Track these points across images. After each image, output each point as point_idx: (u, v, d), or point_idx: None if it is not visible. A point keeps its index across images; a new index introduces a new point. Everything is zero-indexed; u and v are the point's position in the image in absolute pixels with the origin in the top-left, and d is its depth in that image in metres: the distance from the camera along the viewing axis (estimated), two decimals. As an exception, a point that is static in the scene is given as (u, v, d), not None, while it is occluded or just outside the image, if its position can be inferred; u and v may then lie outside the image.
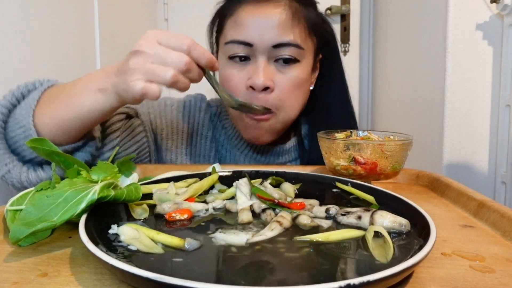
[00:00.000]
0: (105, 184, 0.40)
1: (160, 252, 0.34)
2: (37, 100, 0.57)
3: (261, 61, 0.70)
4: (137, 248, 0.34)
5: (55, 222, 0.35)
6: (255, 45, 0.69)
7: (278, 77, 0.71)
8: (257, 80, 0.68)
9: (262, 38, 0.69)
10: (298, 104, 0.75)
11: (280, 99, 0.71)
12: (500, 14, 0.96)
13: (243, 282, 0.29)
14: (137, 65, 0.49)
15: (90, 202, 0.37)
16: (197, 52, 0.51)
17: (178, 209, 0.44)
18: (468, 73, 1.01)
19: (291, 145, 0.83)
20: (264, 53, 0.70)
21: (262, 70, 0.69)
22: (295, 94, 0.73)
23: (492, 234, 0.43)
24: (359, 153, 0.56)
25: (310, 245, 0.36)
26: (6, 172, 0.57)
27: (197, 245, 0.35)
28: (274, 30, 0.69)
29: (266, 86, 0.69)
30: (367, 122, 1.80)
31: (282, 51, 0.70)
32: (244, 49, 0.70)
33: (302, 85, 0.74)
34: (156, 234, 0.36)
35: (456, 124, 1.03)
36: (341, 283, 0.25)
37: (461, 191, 0.54)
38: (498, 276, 0.33)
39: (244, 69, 0.72)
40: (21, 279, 0.32)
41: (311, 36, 0.74)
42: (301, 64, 0.72)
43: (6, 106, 0.58)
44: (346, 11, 1.70)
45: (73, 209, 0.36)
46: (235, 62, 0.72)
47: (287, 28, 0.69)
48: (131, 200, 0.42)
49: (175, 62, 0.49)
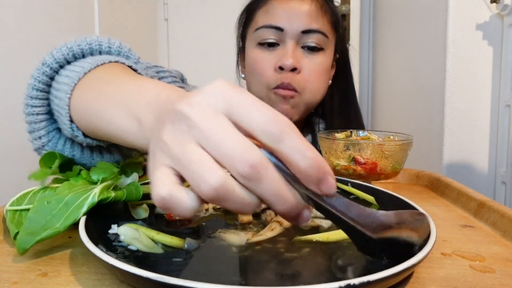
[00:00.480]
0: (105, 185, 0.40)
1: (160, 252, 0.34)
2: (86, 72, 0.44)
3: (290, 44, 0.76)
4: (137, 248, 0.34)
5: (59, 228, 0.36)
6: (285, 30, 0.75)
7: (304, 61, 0.77)
8: (286, 61, 0.74)
9: (292, 23, 0.75)
10: (321, 89, 0.80)
11: (306, 81, 0.77)
12: (500, 14, 0.96)
13: (243, 282, 0.29)
14: (171, 143, 0.25)
15: (91, 205, 0.37)
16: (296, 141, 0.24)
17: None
18: (468, 73, 1.01)
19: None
20: (293, 38, 0.76)
21: (291, 53, 0.75)
22: (319, 79, 0.79)
23: (492, 234, 0.43)
24: (359, 153, 0.56)
25: (310, 245, 0.36)
26: (41, 147, 0.49)
27: (196, 245, 0.35)
28: (304, 17, 0.75)
29: (294, 66, 0.74)
30: (367, 122, 1.80)
31: (310, 37, 0.76)
32: (275, 33, 0.76)
33: (325, 73, 0.80)
34: (156, 234, 0.36)
35: (456, 124, 1.03)
36: (341, 283, 0.25)
37: (461, 191, 0.54)
38: (498, 276, 0.33)
39: (273, 53, 0.77)
40: (21, 279, 0.32)
41: (334, 30, 0.81)
42: (325, 53, 0.78)
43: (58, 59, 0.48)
44: (346, 11, 1.70)
45: (75, 214, 0.36)
46: (264, 48, 0.78)
47: (316, 16, 0.76)
48: (131, 200, 0.42)
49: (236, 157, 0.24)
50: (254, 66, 0.79)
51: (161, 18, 1.79)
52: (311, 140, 0.88)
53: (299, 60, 0.76)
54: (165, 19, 1.80)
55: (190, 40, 1.84)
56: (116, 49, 0.51)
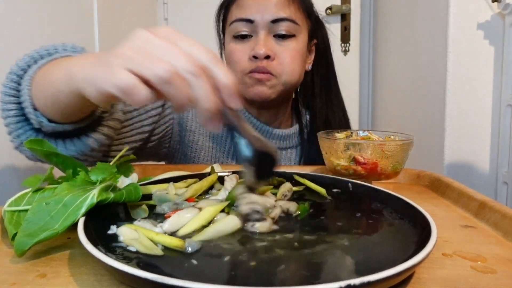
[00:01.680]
0: (104, 186, 0.40)
1: (160, 254, 0.34)
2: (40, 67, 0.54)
3: (262, 34, 0.79)
4: (136, 249, 0.34)
5: (57, 230, 0.35)
6: (256, 21, 0.79)
7: (277, 48, 0.80)
8: (259, 50, 0.77)
9: (262, 14, 0.78)
10: (296, 71, 0.83)
11: (281, 65, 0.80)
12: (502, 14, 0.96)
13: (243, 283, 0.29)
14: (123, 50, 0.36)
15: (90, 206, 0.37)
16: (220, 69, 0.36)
17: (178, 210, 0.43)
18: (469, 72, 1.01)
19: (293, 132, 0.90)
20: (264, 28, 0.79)
21: (263, 42, 0.78)
22: (293, 62, 0.81)
23: (493, 234, 0.43)
24: (359, 153, 0.56)
25: (310, 245, 0.36)
26: (20, 144, 0.57)
27: (198, 246, 0.35)
28: (272, 7, 0.79)
29: (267, 54, 0.78)
30: (367, 122, 1.80)
31: (280, 25, 0.79)
32: (247, 26, 0.80)
33: (299, 56, 0.83)
34: (155, 235, 0.36)
35: (457, 124, 1.03)
36: (341, 283, 0.25)
37: (462, 191, 0.54)
38: (500, 276, 0.33)
39: (247, 44, 0.81)
40: (19, 280, 0.32)
41: (306, 17, 0.84)
42: (296, 38, 0.81)
43: (22, 67, 0.55)
44: (346, 10, 1.70)
45: (73, 215, 0.36)
46: (238, 40, 0.81)
47: (284, 5, 0.79)
48: (130, 201, 0.42)
49: (180, 60, 0.35)
50: (230, 58, 0.82)
51: (160, 18, 1.79)
52: (298, 129, 0.91)
53: (271, 48, 0.79)
54: (164, 18, 1.80)
55: (191, 40, 1.83)
56: (70, 49, 0.59)
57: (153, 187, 0.50)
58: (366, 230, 0.41)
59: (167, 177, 0.55)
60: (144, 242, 0.35)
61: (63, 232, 0.36)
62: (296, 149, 0.91)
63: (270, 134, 0.88)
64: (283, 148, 0.90)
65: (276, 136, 0.89)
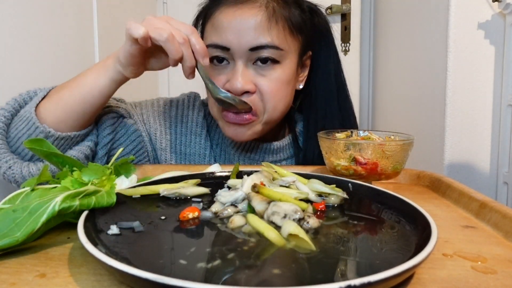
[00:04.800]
0: (69, 194, 0.38)
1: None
2: (43, 96, 0.63)
3: (239, 64, 0.69)
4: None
5: (18, 238, 0.34)
6: (232, 49, 0.68)
7: (258, 80, 0.70)
8: (235, 84, 0.68)
9: (239, 41, 0.67)
10: (281, 105, 0.73)
11: (262, 101, 0.70)
12: (502, 13, 0.96)
13: (243, 283, 0.29)
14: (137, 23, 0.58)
15: (51, 214, 0.36)
16: (196, 39, 0.61)
17: (188, 208, 0.43)
18: (470, 72, 1.01)
19: (286, 143, 0.82)
20: (242, 57, 0.68)
21: (240, 74, 0.68)
22: (277, 96, 0.71)
23: (494, 234, 0.43)
24: (359, 153, 0.56)
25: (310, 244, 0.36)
26: (7, 169, 0.59)
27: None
28: (250, 33, 0.67)
29: (245, 90, 0.68)
30: (367, 122, 1.80)
31: (260, 53, 0.68)
32: (222, 52, 0.69)
33: (285, 87, 0.72)
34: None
35: (458, 124, 1.02)
36: (341, 284, 0.25)
37: (462, 191, 0.54)
38: (500, 277, 0.33)
39: (223, 71, 0.71)
40: (18, 280, 0.32)
41: (295, 35, 0.72)
42: (281, 65, 0.70)
43: (9, 110, 0.63)
44: (346, 10, 1.70)
45: (34, 223, 0.35)
46: (214, 65, 0.71)
47: (263, 30, 0.67)
48: (103, 207, 0.41)
49: (173, 31, 0.59)
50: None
51: (161, 18, 1.79)
52: (291, 140, 0.83)
53: (250, 81, 0.69)
54: (165, 19, 1.80)
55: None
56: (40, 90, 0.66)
57: (159, 187, 0.49)
58: (366, 230, 0.41)
59: (167, 177, 0.55)
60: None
61: (24, 240, 0.35)
62: (291, 161, 0.83)
63: (262, 149, 0.81)
64: (277, 160, 0.82)
65: (268, 151, 0.81)
